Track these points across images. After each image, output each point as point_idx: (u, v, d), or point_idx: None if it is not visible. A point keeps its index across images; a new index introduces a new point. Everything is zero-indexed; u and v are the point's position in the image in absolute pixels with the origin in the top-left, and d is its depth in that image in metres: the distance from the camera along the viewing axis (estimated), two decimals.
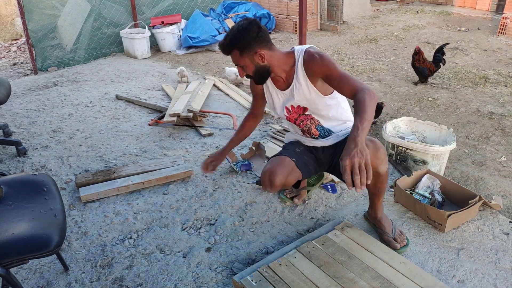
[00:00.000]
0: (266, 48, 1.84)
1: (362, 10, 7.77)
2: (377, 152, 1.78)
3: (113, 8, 5.62)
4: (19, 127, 3.41)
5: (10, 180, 1.68)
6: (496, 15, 7.09)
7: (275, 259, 1.80)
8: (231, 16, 6.51)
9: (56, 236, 1.45)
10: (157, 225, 2.20)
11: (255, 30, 1.80)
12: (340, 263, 1.76)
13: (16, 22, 6.96)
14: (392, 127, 2.85)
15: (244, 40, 1.80)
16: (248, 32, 1.80)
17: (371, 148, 1.73)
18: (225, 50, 1.87)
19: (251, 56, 1.83)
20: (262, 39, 1.82)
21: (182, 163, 2.71)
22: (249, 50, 1.82)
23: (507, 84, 4.20)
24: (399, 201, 2.30)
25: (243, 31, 1.80)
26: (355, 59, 5.26)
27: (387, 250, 1.83)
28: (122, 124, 3.44)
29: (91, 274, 1.88)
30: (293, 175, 2.01)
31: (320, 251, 1.83)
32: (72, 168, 2.77)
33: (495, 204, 2.19)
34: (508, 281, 1.78)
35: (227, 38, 1.84)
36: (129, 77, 4.69)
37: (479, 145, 3.03)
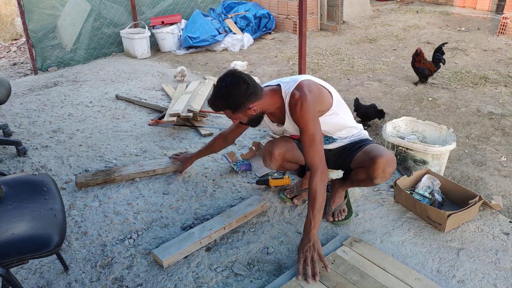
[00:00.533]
0: (257, 99, 1.84)
1: (362, 10, 7.77)
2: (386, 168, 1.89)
3: (113, 8, 5.62)
4: (19, 127, 3.41)
5: (10, 180, 1.68)
6: (496, 15, 7.09)
7: (284, 282, 1.72)
8: (231, 16, 6.51)
9: (56, 236, 1.45)
10: (157, 225, 2.20)
11: (243, 87, 1.78)
12: (353, 283, 1.69)
13: (16, 22, 6.96)
14: (392, 127, 2.85)
15: (235, 100, 1.80)
16: (237, 92, 1.78)
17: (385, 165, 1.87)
18: (217, 109, 1.86)
19: (245, 111, 1.85)
20: (252, 95, 1.82)
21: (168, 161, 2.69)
22: (242, 107, 1.83)
23: (507, 84, 4.20)
24: (399, 201, 2.30)
25: (232, 92, 1.78)
26: (355, 59, 5.26)
27: (399, 266, 1.79)
28: (122, 124, 3.44)
29: (91, 274, 1.88)
30: (293, 152, 2.11)
31: (330, 271, 1.76)
32: (72, 168, 2.77)
33: (495, 204, 2.19)
34: (508, 281, 1.78)
35: (216, 99, 1.82)
36: (129, 77, 4.69)
37: (479, 145, 3.03)
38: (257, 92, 1.84)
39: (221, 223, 2.07)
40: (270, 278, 1.83)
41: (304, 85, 1.86)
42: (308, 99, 1.81)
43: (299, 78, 1.91)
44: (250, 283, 1.81)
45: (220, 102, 1.83)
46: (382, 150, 1.94)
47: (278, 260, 1.93)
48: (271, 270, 1.88)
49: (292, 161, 2.18)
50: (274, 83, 1.98)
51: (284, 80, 1.95)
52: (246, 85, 1.79)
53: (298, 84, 1.87)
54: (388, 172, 1.90)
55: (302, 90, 1.84)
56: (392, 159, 1.91)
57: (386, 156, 1.89)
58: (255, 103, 1.84)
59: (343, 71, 4.81)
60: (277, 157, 2.10)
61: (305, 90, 1.84)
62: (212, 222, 2.08)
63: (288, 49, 5.82)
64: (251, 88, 1.80)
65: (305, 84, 1.87)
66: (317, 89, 1.91)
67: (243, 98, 1.79)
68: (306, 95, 1.82)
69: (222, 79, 1.82)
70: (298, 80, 1.89)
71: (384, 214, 2.23)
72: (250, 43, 6.11)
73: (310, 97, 1.82)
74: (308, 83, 1.89)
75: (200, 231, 2.03)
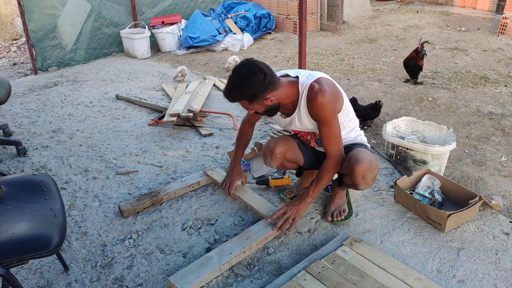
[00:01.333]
0: (274, 90, 1.80)
1: (362, 10, 7.77)
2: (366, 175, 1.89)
3: (113, 8, 5.62)
4: (19, 127, 3.41)
5: (10, 180, 1.68)
6: (496, 15, 7.09)
7: (284, 282, 1.71)
8: (231, 16, 6.51)
9: (56, 236, 1.45)
10: (157, 225, 2.20)
11: (260, 78, 1.73)
12: (353, 283, 1.69)
13: (16, 22, 6.96)
14: (392, 127, 2.85)
15: (252, 91, 1.74)
16: (254, 82, 1.73)
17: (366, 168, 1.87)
18: (233, 99, 1.82)
19: (261, 101, 1.81)
20: (270, 84, 1.77)
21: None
22: (259, 98, 1.78)
23: (507, 84, 4.20)
24: (399, 201, 2.30)
25: (249, 82, 1.72)
26: (355, 59, 5.26)
27: (399, 266, 1.79)
28: (122, 124, 3.44)
29: (91, 274, 1.88)
30: (294, 152, 2.13)
31: (330, 271, 1.75)
32: (72, 168, 2.77)
33: (495, 204, 2.18)
34: (508, 281, 1.78)
35: (233, 89, 1.77)
36: (129, 77, 4.69)
37: (479, 145, 3.03)
38: (274, 82, 1.79)
39: (240, 246, 1.92)
40: (270, 278, 1.83)
41: (323, 80, 1.86)
42: (328, 91, 1.81)
43: (318, 74, 1.90)
44: (250, 283, 1.81)
45: (237, 93, 1.76)
46: (361, 156, 1.89)
47: (278, 260, 1.93)
48: (271, 270, 1.88)
49: (292, 160, 2.18)
50: (292, 73, 1.95)
51: (302, 73, 1.93)
52: (264, 75, 1.74)
53: (317, 79, 1.86)
54: (369, 178, 1.89)
55: (321, 84, 1.83)
56: (370, 165, 1.87)
57: (364, 163, 1.86)
58: (272, 93, 1.80)
59: (343, 71, 4.81)
60: (278, 155, 2.10)
61: (324, 84, 1.84)
62: (230, 245, 1.92)
63: (288, 49, 5.82)
64: (269, 78, 1.75)
65: (324, 79, 1.87)
66: (335, 87, 1.91)
67: (260, 88, 1.74)
68: (325, 88, 1.82)
69: (238, 69, 1.75)
70: (317, 76, 1.88)
71: (384, 214, 2.23)
72: (250, 43, 6.11)
73: (329, 90, 1.82)
74: (327, 80, 1.89)
75: (219, 256, 1.86)
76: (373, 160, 1.92)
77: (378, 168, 1.95)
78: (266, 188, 2.48)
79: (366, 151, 1.99)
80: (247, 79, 1.72)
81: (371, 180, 1.93)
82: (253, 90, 1.74)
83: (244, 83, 1.73)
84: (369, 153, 1.97)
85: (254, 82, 1.72)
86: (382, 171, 2.67)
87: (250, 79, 1.72)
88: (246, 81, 1.72)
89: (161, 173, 2.69)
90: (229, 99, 1.82)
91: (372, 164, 1.89)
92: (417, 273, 1.75)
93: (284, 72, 1.99)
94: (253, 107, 1.85)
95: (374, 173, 1.91)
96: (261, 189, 2.47)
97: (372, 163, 1.90)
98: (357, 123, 2.12)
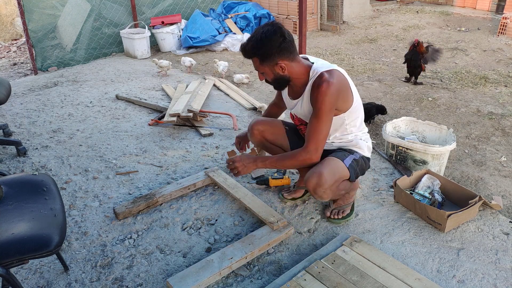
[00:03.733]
0: (288, 59, 1.80)
1: (362, 10, 7.77)
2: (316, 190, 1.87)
3: (113, 8, 5.62)
4: (19, 127, 3.41)
5: (10, 180, 1.68)
6: (496, 15, 7.09)
7: (284, 282, 1.71)
8: (231, 16, 6.51)
9: (56, 236, 1.45)
10: (157, 225, 2.20)
11: (278, 40, 1.74)
12: (353, 283, 1.69)
13: (16, 22, 6.96)
14: (392, 127, 2.85)
15: (266, 49, 1.75)
16: (270, 41, 1.74)
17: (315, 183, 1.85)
18: (246, 54, 1.82)
19: (272, 66, 1.81)
20: (285, 50, 1.77)
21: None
22: (270, 60, 1.78)
23: (507, 84, 4.20)
24: (399, 201, 2.30)
25: (266, 40, 1.73)
26: (355, 59, 5.26)
27: (399, 266, 1.79)
28: (122, 124, 3.44)
29: (91, 274, 1.88)
30: (276, 135, 2.15)
31: (330, 271, 1.75)
32: (72, 168, 2.77)
33: (495, 204, 2.18)
34: (508, 281, 1.78)
35: (249, 43, 1.79)
36: (129, 77, 4.69)
37: (479, 145, 3.03)
38: (290, 50, 1.78)
39: (242, 251, 1.89)
40: (270, 278, 1.83)
41: (336, 73, 1.81)
42: (334, 85, 1.76)
43: (334, 67, 1.86)
44: (250, 283, 1.81)
45: (252, 47, 1.78)
46: (317, 169, 1.85)
47: (278, 260, 1.93)
48: (271, 270, 1.88)
49: (273, 142, 2.20)
50: (312, 59, 1.94)
51: (320, 62, 1.90)
52: (282, 38, 1.74)
53: (330, 70, 1.81)
54: (319, 192, 1.86)
55: (332, 75, 1.78)
56: (318, 180, 1.82)
57: (314, 177, 1.83)
58: (285, 61, 1.79)
59: None
60: (255, 131, 2.17)
61: (334, 76, 1.78)
62: (232, 249, 1.90)
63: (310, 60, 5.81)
64: (287, 43, 1.76)
65: (337, 72, 1.82)
66: (346, 85, 1.85)
67: (274, 49, 1.74)
68: (333, 81, 1.77)
69: (261, 27, 1.78)
70: (332, 67, 1.84)
71: (384, 214, 2.23)
72: None
73: (336, 85, 1.77)
74: (340, 75, 1.83)
75: (219, 260, 1.84)
76: (327, 174, 1.83)
77: (332, 183, 1.86)
78: (266, 188, 2.48)
79: (334, 162, 1.90)
80: (265, 36, 1.74)
81: (324, 194, 1.87)
82: (267, 48, 1.74)
83: (260, 39, 1.74)
84: (331, 165, 1.88)
85: (270, 41, 1.73)
86: (382, 171, 2.67)
87: (268, 38, 1.73)
88: (264, 38, 1.74)
89: (161, 173, 2.69)
90: (243, 53, 1.82)
91: (321, 179, 1.82)
92: (417, 273, 1.75)
93: (305, 56, 1.99)
94: (263, 69, 1.83)
95: (324, 187, 1.84)
96: (261, 189, 2.47)
97: (321, 178, 1.82)
98: (363, 130, 2.06)
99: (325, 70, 1.81)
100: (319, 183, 1.83)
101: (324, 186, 1.84)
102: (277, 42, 1.74)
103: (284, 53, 1.77)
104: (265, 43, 1.74)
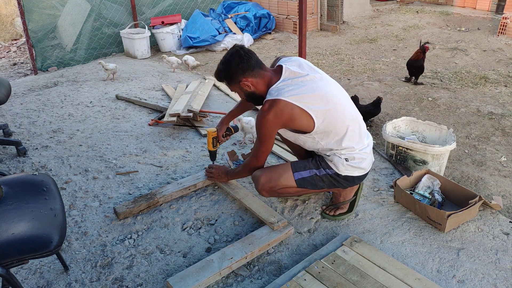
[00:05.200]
0: (250, 76, 1.90)
1: (362, 10, 7.77)
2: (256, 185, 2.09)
3: (113, 8, 5.62)
4: (19, 127, 3.41)
5: (10, 180, 1.68)
6: (496, 15, 7.09)
7: (284, 282, 1.71)
8: (231, 16, 6.51)
9: (56, 236, 1.45)
10: (157, 225, 2.20)
11: (236, 61, 1.88)
12: (353, 283, 1.69)
13: (16, 22, 6.96)
14: (392, 127, 2.85)
15: (228, 72, 1.92)
16: (230, 64, 1.90)
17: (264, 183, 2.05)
18: (218, 79, 2.01)
19: (238, 85, 1.93)
20: (245, 69, 1.89)
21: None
22: (234, 80, 1.93)
23: (507, 84, 4.20)
24: (399, 201, 2.30)
25: (226, 63, 1.92)
26: (355, 59, 5.26)
27: (399, 266, 1.79)
28: (122, 124, 3.44)
29: (91, 274, 1.88)
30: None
31: (330, 271, 1.75)
32: (72, 168, 2.77)
33: (495, 204, 2.18)
34: (508, 281, 1.78)
35: (217, 69, 1.98)
36: (129, 77, 4.69)
37: (479, 145, 3.03)
38: (251, 68, 1.89)
39: (242, 251, 1.90)
40: (270, 278, 1.83)
41: (279, 105, 1.81)
42: (269, 119, 1.83)
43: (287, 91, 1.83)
44: (250, 283, 1.81)
45: (218, 73, 1.98)
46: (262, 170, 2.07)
47: (278, 260, 1.93)
48: (271, 270, 1.88)
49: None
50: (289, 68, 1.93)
51: (289, 75, 1.90)
52: (240, 59, 1.88)
53: (275, 100, 1.82)
54: (256, 188, 2.07)
55: (272, 107, 1.81)
56: (256, 180, 2.05)
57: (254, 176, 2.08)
58: (248, 78, 1.90)
59: (343, 71, 4.81)
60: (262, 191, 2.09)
61: (274, 109, 1.81)
62: (232, 249, 1.91)
63: (288, 49, 5.82)
64: (244, 63, 1.88)
65: (281, 104, 1.81)
66: (291, 114, 1.83)
67: (234, 71, 1.90)
68: (269, 116, 1.82)
69: (226, 52, 1.97)
70: (280, 96, 1.82)
71: (384, 214, 2.23)
72: (250, 43, 6.11)
73: (272, 118, 1.83)
74: (285, 106, 1.81)
75: (219, 260, 1.85)
76: (265, 178, 2.02)
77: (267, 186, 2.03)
78: None
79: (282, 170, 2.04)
80: (225, 60, 1.93)
81: (261, 192, 2.06)
82: (229, 71, 1.91)
83: (222, 64, 1.94)
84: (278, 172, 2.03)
85: (230, 64, 1.90)
86: (382, 171, 2.67)
87: (228, 61, 1.91)
88: (224, 62, 1.93)
89: (161, 173, 2.69)
90: (216, 78, 2.02)
91: (258, 179, 2.04)
92: (417, 273, 1.75)
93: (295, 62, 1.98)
94: (234, 89, 2.00)
95: (259, 188, 2.05)
96: None
97: (259, 179, 2.03)
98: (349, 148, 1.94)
99: (271, 98, 1.85)
100: (257, 182, 2.05)
101: (258, 187, 2.05)
102: (235, 63, 1.89)
103: (245, 71, 1.89)
104: (226, 66, 1.92)
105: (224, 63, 1.93)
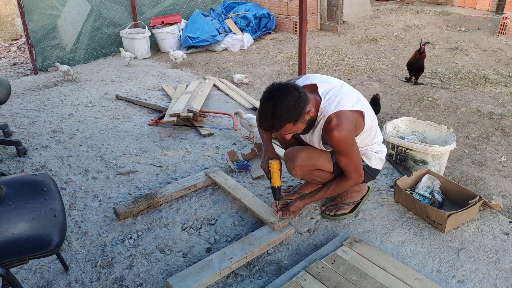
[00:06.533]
0: (308, 102, 1.74)
1: (362, 10, 7.77)
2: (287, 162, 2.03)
3: (113, 8, 5.62)
4: (19, 127, 3.41)
5: (10, 180, 1.68)
6: (496, 15, 7.09)
7: (284, 282, 1.71)
8: (231, 16, 6.51)
9: (56, 236, 1.45)
10: (157, 225, 2.20)
11: (295, 94, 1.67)
12: (353, 283, 1.69)
13: (16, 22, 6.96)
14: (392, 127, 2.85)
15: (295, 110, 1.68)
16: (295, 100, 1.66)
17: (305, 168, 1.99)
18: (276, 129, 1.74)
19: (303, 118, 1.75)
20: (304, 97, 1.70)
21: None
22: (302, 115, 1.72)
23: (507, 84, 4.20)
24: (399, 201, 2.30)
25: (289, 101, 1.65)
26: (355, 59, 5.26)
27: (399, 266, 1.79)
28: (122, 124, 3.44)
29: (91, 274, 1.88)
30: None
31: (330, 271, 1.75)
32: (72, 168, 2.77)
33: (495, 204, 2.18)
34: (508, 281, 1.78)
35: (275, 119, 1.68)
36: (129, 77, 4.69)
37: (479, 145, 3.03)
38: (305, 93, 1.74)
39: (242, 251, 1.89)
40: (270, 278, 1.83)
41: (343, 115, 1.77)
42: (345, 128, 1.75)
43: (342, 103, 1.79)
44: (250, 283, 1.81)
45: (280, 118, 1.68)
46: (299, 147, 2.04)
47: (278, 260, 1.93)
48: (271, 270, 1.88)
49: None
50: (319, 85, 1.87)
51: (328, 94, 1.83)
52: (297, 90, 1.68)
53: (337, 112, 1.76)
54: (288, 166, 2.03)
55: (340, 118, 1.76)
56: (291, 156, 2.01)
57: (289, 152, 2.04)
58: (307, 106, 1.73)
59: (343, 71, 4.81)
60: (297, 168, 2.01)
61: (343, 119, 1.76)
62: (232, 249, 1.90)
63: (288, 49, 5.82)
64: (302, 90, 1.71)
65: (344, 114, 1.77)
66: (355, 120, 1.83)
67: (301, 103, 1.68)
68: (343, 126, 1.75)
69: (269, 96, 1.68)
70: (340, 107, 1.77)
71: (384, 214, 2.23)
72: (250, 43, 6.11)
73: (346, 127, 1.76)
74: (348, 113, 1.78)
75: (219, 260, 1.84)
76: (303, 155, 1.97)
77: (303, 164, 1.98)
78: (267, 188, 2.48)
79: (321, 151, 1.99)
80: (286, 100, 1.65)
81: (293, 170, 2.01)
82: (296, 108, 1.67)
83: (285, 106, 1.65)
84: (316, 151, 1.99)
85: (294, 100, 1.66)
86: (382, 171, 2.67)
87: (289, 99, 1.65)
88: (286, 102, 1.65)
89: (161, 173, 2.69)
90: (272, 129, 1.74)
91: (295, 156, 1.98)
92: (417, 273, 1.75)
93: (309, 78, 1.93)
94: (296, 128, 1.76)
95: (294, 164, 1.99)
96: (261, 189, 2.47)
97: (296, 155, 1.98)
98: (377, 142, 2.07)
99: (333, 112, 1.77)
100: (295, 158, 1.98)
101: (295, 163, 1.98)
102: (297, 96, 1.67)
103: (306, 98, 1.72)
104: (291, 105, 1.66)
105: (286, 104, 1.65)
